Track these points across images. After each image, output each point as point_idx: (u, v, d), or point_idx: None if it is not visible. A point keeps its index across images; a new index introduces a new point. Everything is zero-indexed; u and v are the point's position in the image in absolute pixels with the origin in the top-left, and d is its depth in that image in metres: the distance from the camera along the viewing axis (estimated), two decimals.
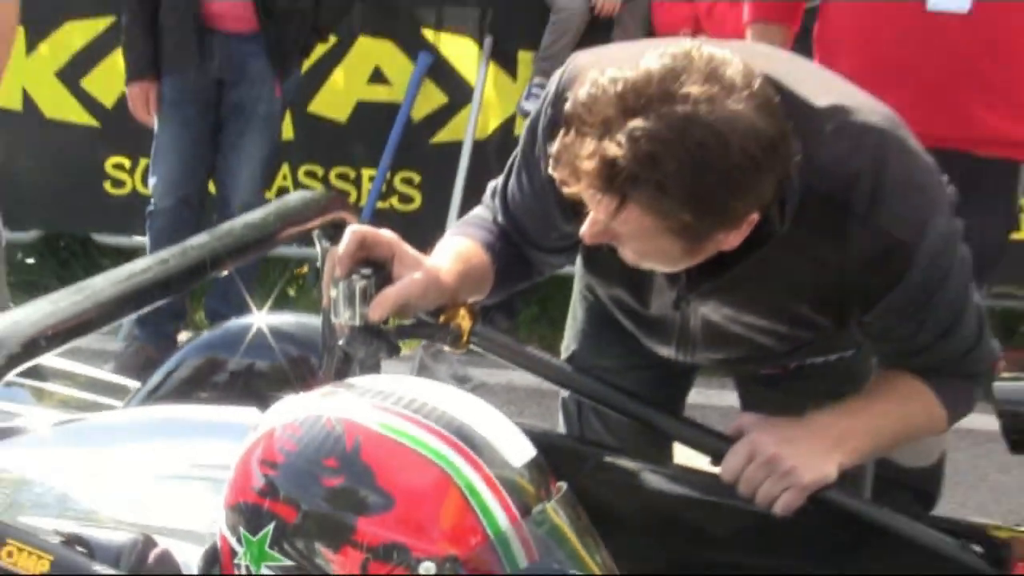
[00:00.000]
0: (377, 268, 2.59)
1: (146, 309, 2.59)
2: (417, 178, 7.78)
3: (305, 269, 7.73)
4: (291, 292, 7.31)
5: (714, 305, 2.88)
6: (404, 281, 2.59)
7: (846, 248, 2.65)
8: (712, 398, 3.46)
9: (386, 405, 2.14)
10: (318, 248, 3.02)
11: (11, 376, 2.23)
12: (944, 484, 5.05)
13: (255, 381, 3.45)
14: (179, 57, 6.60)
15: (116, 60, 7.86)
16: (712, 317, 2.93)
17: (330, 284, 2.63)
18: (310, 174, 7.92)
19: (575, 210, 2.67)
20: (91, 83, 8.04)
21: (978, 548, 2.86)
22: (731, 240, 2.53)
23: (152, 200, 6.85)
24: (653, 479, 3.09)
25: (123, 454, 3.04)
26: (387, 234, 2.65)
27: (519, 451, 2.15)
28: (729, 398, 3.53)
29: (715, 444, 2.89)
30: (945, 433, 4.58)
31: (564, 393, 3.42)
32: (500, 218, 3.04)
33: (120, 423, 3.29)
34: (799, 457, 2.71)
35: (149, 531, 2.38)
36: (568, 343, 3.49)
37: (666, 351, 3.15)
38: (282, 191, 7.74)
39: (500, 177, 3.08)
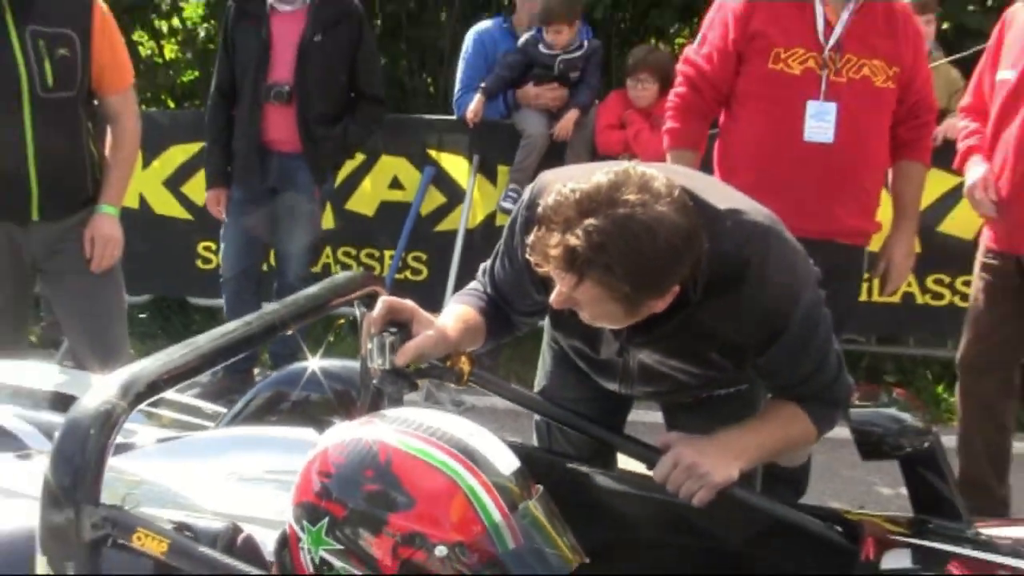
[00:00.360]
0: (401, 327, 2.71)
1: (235, 358, 2.57)
2: (424, 256, 7.76)
3: (342, 322, 7.69)
4: (331, 339, 7.27)
5: (647, 353, 2.93)
6: (421, 337, 2.71)
7: (741, 314, 2.69)
8: (644, 416, 3.46)
9: (409, 430, 2.17)
10: (357, 312, 3.02)
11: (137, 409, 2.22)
12: (809, 478, 5.03)
13: (310, 409, 3.46)
14: (245, 172, 6.63)
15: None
16: (646, 361, 2.97)
17: (366, 339, 2.77)
18: (346, 254, 7.88)
19: (545, 285, 2.77)
20: (188, 188, 8.04)
21: (838, 528, 2.85)
22: (659, 306, 2.61)
23: (220, 272, 6.92)
24: (602, 479, 3.10)
25: (214, 462, 3.07)
26: (408, 303, 2.76)
27: (507, 462, 2.18)
28: (656, 416, 3.50)
29: (647, 454, 2.94)
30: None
31: (537, 417, 3.44)
32: (489, 290, 3.08)
33: (211, 439, 3.29)
34: (710, 464, 2.74)
35: (236, 520, 2.39)
36: (539, 380, 3.51)
37: (612, 386, 3.19)
38: (326, 267, 7.81)
39: (488, 260, 3.12)
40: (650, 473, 2.87)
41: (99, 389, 2.19)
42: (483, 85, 7.20)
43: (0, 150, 4.63)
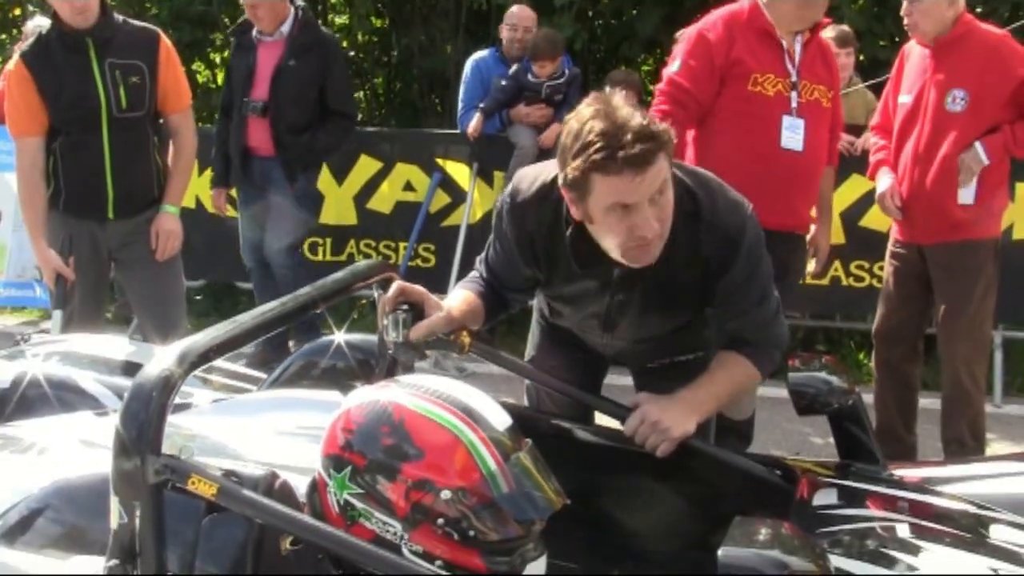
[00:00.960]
0: (413, 306, 2.71)
1: (273, 332, 2.54)
2: (433, 248, 7.70)
3: (364, 302, 7.67)
4: (355, 316, 7.24)
5: (632, 306, 2.94)
6: (432, 318, 2.70)
7: (701, 242, 2.76)
8: (616, 380, 3.42)
9: (418, 393, 2.14)
10: (375, 294, 2.99)
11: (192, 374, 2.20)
12: (755, 430, 5.02)
13: (336, 375, 3.43)
14: (237, 173, 6.65)
15: None
16: (628, 313, 2.96)
17: (383, 316, 2.75)
18: (367, 245, 7.83)
19: (534, 261, 2.88)
20: (235, 192, 7.96)
21: (778, 472, 2.84)
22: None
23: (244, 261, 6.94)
24: (581, 433, 3.07)
25: (256, 419, 3.05)
26: (418, 288, 2.75)
27: (501, 419, 2.15)
28: (627, 380, 3.48)
29: (619, 411, 2.94)
30: (755, 395, 4.68)
31: (527, 382, 3.42)
32: (484, 275, 3.06)
33: (254, 400, 3.28)
34: (671, 419, 2.73)
35: (274, 468, 2.36)
36: (529, 351, 3.48)
37: (596, 339, 3.15)
38: (351, 255, 7.78)
39: (484, 252, 3.13)
40: (622, 427, 2.88)
41: (159, 358, 2.18)
42: (482, 106, 7.20)
43: (82, 160, 4.77)
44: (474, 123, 7.16)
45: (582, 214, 2.64)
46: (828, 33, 6.34)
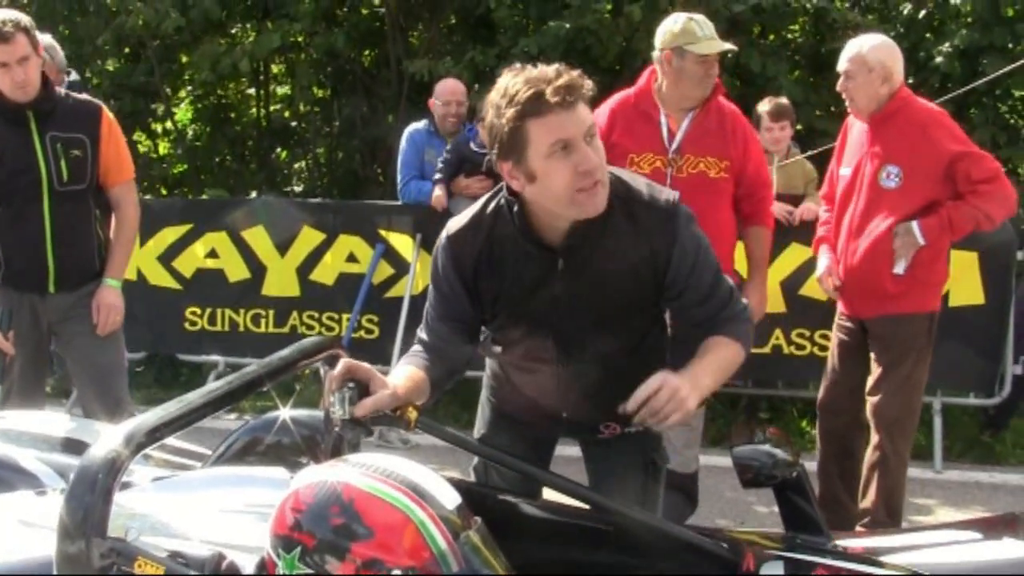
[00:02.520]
0: (359, 383, 2.66)
1: (221, 411, 2.53)
2: (376, 319, 7.70)
3: (307, 373, 7.61)
4: (298, 387, 7.20)
5: (583, 307, 2.94)
6: (378, 395, 2.65)
7: (639, 226, 2.84)
8: (564, 452, 3.44)
9: (367, 472, 2.15)
10: (321, 371, 2.99)
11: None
12: (699, 500, 5.05)
13: (282, 452, 3.38)
14: None
15: (193, 249, 7.91)
16: (580, 319, 2.98)
17: (329, 393, 2.70)
18: (311, 317, 7.81)
19: (476, 290, 2.95)
20: (178, 263, 8.00)
21: (724, 544, 2.86)
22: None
23: None
24: (529, 508, 3.08)
25: (201, 497, 3.00)
26: (365, 365, 2.69)
27: (450, 497, 2.16)
28: (573, 451, 3.54)
29: (568, 486, 2.96)
30: (697, 450, 4.69)
31: (475, 461, 3.44)
32: (427, 338, 3.05)
33: (198, 477, 3.24)
34: (687, 391, 2.72)
35: (220, 547, 2.34)
36: (478, 428, 3.53)
37: (551, 375, 3.14)
38: (293, 327, 7.78)
39: (423, 317, 3.12)
40: (571, 502, 2.92)
41: (105, 439, 2.17)
42: (437, 178, 7.22)
43: (23, 233, 4.74)
44: (437, 194, 7.17)
45: (524, 174, 2.70)
46: (764, 107, 6.59)
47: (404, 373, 2.94)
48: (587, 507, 2.94)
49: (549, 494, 3.13)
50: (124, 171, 4.99)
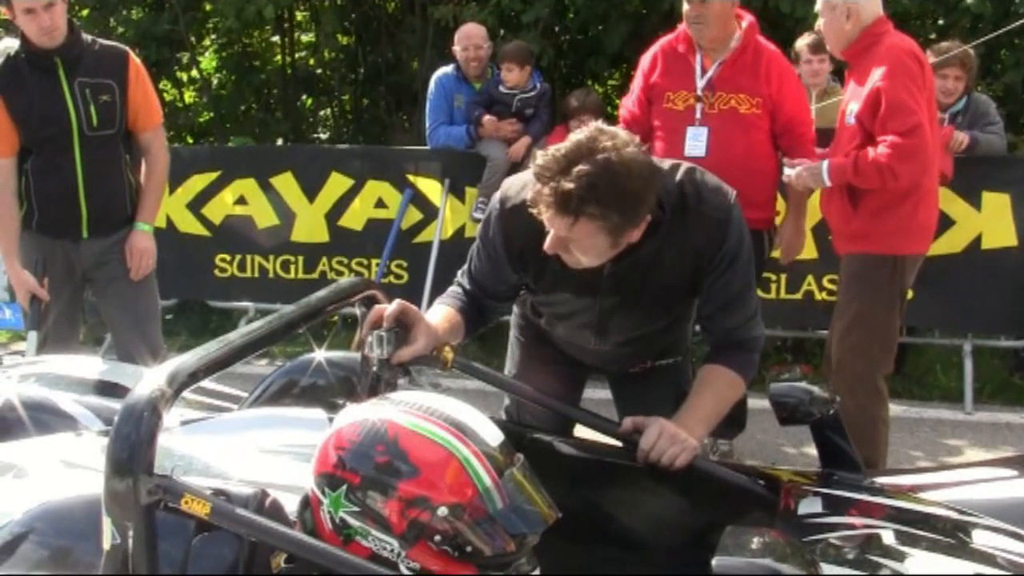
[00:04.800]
0: (402, 325, 2.74)
1: (259, 351, 2.54)
2: (405, 264, 7.70)
3: (335, 320, 7.65)
4: (325, 332, 7.22)
5: (619, 298, 3.02)
6: (417, 345, 2.75)
7: (689, 233, 2.88)
8: (593, 395, 3.46)
9: (411, 410, 2.14)
10: (358, 311, 2.99)
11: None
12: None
13: (317, 393, 3.40)
14: None
15: (222, 196, 7.92)
16: (618, 314, 3.09)
17: (367, 333, 2.74)
18: (340, 263, 7.83)
19: (523, 264, 2.97)
20: (206, 210, 8.04)
21: (761, 482, 2.86)
22: (635, 235, 2.75)
23: None
24: (564, 446, 3.10)
25: (240, 438, 3.02)
26: (415, 308, 2.79)
27: (494, 435, 2.16)
28: (603, 393, 3.56)
29: (602, 423, 3.02)
30: None
31: (507, 401, 3.50)
32: (468, 286, 3.12)
33: (237, 419, 3.25)
34: (687, 432, 2.80)
35: (260, 486, 2.34)
36: (509, 368, 3.58)
37: (587, 344, 3.25)
38: (323, 273, 7.81)
39: (465, 265, 3.19)
40: (603, 439, 2.95)
41: (149, 378, 2.17)
42: (476, 116, 7.24)
43: (55, 180, 4.76)
44: (475, 134, 7.24)
45: None
46: (803, 41, 6.60)
47: (441, 314, 3.00)
48: (620, 445, 2.96)
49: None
50: (153, 115, 5.00)
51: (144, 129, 4.94)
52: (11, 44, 5.02)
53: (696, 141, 4.97)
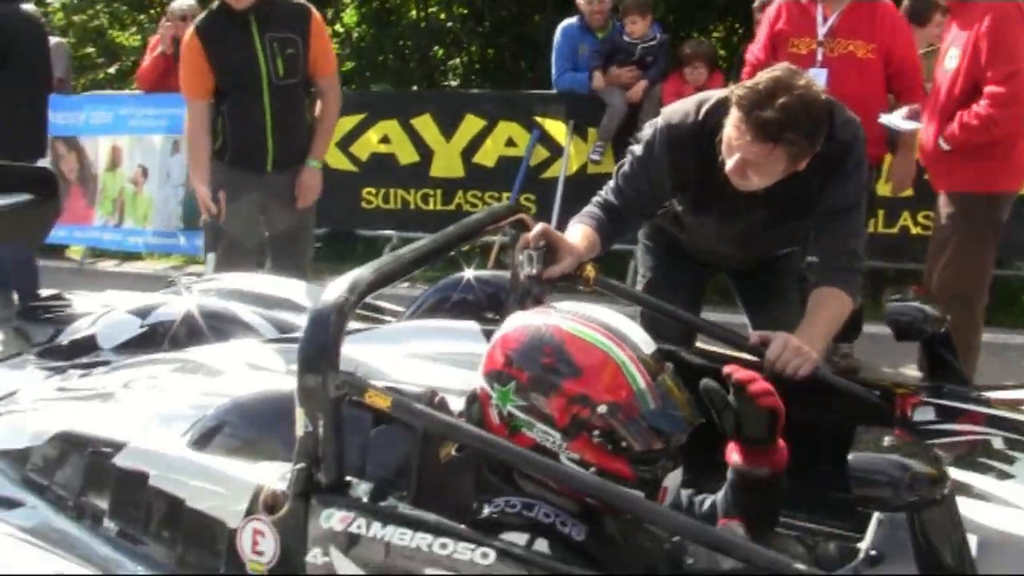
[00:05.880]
0: (548, 244, 2.78)
1: (423, 267, 2.55)
2: (533, 197, 7.69)
3: (477, 249, 7.67)
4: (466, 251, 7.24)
5: (767, 215, 3.08)
6: (565, 262, 2.79)
7: (830, 154, 2.92)
8: (707, 315, 3.45)
9: (572, 317, 2.14)
10: (507, 235, 3.01)
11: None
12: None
13: (468, 308, 3.42)
14: None
15: (368, 136, 7.98)
16: (763, 227, 3.14)
17: (519, 252, 2.76)
18: (474, 196, 7.89)
19: (680, 185, 3.07)
20: (354, 148, 8.15)
21: (876, 392, 2.82)
22: (805, 163, 2.83)
23: None
24: (693, 357, 3.04)
25: (401, 347, 3.04)
26: (556, 232, 2.84)
27: (646, 342, 2.15)
28: (714, 316, 3.56)
29: (732, 337, 3.00)
30: None
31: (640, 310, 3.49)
32: (615, 202, 3.14)
33: (397, 329, 3.27)
34: (809, 345, 2.77)
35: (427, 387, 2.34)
36: (643, 272, 3.68)
37: (728, 252, 3.38)
38: (459, 207, 7.87)
39: (605, 191, 3.20)
40: (726, 351, 2.96)
41: (333, 287, 2.19)
42: (593, 65, 7.19)
43: (247, 121, 4.94)
44: (597, 80, 7.16)
45: None
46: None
47: (580, 233, 3.02)
48: (744, 355, 2.93)
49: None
50: (329, 65, 5.15)
51: (322, 76, 5.08)
52: (185, 2, 5.14)
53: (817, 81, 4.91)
